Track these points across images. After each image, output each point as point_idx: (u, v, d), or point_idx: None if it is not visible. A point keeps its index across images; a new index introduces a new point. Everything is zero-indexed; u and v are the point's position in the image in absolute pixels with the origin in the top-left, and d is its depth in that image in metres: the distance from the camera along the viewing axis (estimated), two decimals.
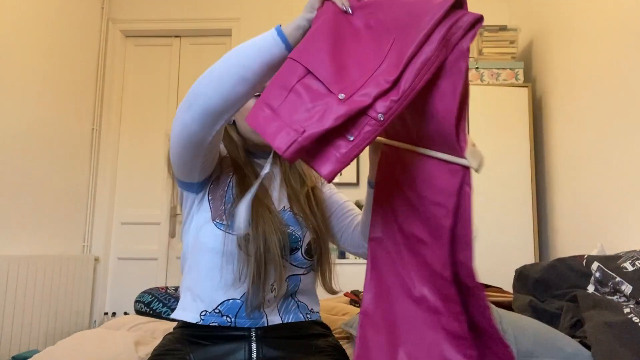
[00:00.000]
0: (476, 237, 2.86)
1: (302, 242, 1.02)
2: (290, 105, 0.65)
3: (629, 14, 2.08)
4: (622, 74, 2.13)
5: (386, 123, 0.61)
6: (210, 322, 0.97)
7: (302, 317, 1.02)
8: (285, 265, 1.00)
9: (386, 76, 0.62)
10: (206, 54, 3.73)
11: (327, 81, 0.64)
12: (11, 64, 2.70)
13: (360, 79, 0.64)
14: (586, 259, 1.38)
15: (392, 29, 0.68)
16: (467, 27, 0.63)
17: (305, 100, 0.64)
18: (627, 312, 1.03)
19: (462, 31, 0.63)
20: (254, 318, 0.97)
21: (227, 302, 0.97)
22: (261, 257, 0.94)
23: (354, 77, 0.65)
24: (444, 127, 0.65)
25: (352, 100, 0.62)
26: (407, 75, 0.61)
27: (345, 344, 1.17)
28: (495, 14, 3.61)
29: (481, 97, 3.00)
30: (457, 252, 0.66)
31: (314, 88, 0.65)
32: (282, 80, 0.67)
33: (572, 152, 2.59)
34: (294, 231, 1.02)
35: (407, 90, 0.61)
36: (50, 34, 3.03)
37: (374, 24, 0.71)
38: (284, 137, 0.62)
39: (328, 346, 1.00)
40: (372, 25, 0.71)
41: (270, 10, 3.74)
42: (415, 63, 0.61)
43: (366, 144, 0.62)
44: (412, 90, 0.61)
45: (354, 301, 1.74)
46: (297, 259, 1.02)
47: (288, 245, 0.99)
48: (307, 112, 0.63)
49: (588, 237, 2.40)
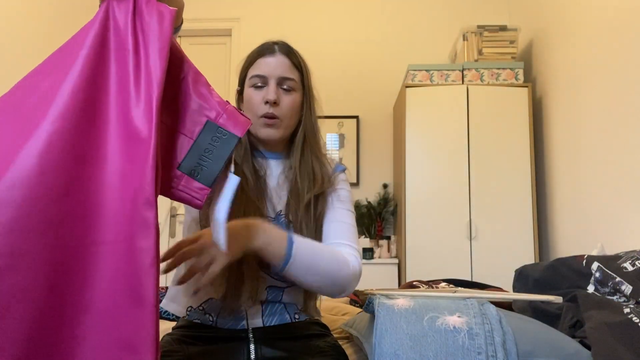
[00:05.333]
0: (476, 237, 2.86)
1: None
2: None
3: (629, 14, 2.08)
4: (622, 73, 2.13)
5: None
6: (194, 319, 0.99)
7: (288, 319, 1.00)
8: (263, 275, 0.98)
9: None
10: (206, 54, 3.73)
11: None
12: (11, 63, 2.70)
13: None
14: (586, 259, 1.38)
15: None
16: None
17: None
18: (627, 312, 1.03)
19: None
20: (235, 319, 0.97)
21: (210, 301, 0.99)
22: (234, 264, 0.92)
23: None
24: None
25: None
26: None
27: (345, 344, 1.17)
28: (495, 14, 3.61)
29: (481, 97, 3.00)
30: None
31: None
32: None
33: (572, 152, 2.59)
34: None
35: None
36: (50, 35, 3.03)
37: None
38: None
39: (327, 346, 0.99)
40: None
41: (270, 10, 3.74)
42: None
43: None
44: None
45: (354, 301, 1.74)
46: (277, 272, 0.98)
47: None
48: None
49: (588, 237, 2.40)
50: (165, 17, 0.65)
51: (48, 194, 0.56)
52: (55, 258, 0.56)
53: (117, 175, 0.61)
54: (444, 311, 0.91)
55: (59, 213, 0.57)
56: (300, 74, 1.04)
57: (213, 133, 0.69)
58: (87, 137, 0.60)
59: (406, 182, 2.99)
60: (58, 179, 0.57)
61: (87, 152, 0.60)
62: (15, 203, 0.54)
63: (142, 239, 0.58)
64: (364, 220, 3.33)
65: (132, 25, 0.65)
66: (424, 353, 0.84)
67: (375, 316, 0.92)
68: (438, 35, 3.63)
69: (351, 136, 3.58)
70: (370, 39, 3.70)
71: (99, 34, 0.64)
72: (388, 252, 3.24)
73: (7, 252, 0.53)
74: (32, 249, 0.55)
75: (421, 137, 3.04)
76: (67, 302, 0.57)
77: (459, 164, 2.96)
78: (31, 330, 0.54)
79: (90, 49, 0.63)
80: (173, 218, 3.56)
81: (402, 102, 3.13)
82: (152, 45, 0.64)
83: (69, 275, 0.57)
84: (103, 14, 0.65)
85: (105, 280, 0.58)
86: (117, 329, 0.57)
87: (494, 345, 0.85)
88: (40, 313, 0.55)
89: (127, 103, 0.63)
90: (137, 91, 0.63)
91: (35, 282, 0.55)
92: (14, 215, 0.54)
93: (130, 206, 0.59)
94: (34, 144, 0.56)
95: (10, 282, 0.53)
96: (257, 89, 1.01)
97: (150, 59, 0.63)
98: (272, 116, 0.99)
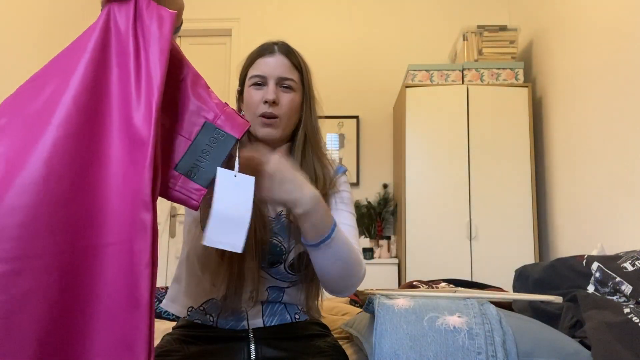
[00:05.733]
0: (476, 237, 2.86)
1: (286, 255, 0.98)
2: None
3: (629, 14, 2.08)
4: (622, 73, 2.13)
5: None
6: (194, 319, 0.99)
7: (288, 319, 1.01)
8: (264, 276, 0.98)
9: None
10: (206, 54, 3.72)
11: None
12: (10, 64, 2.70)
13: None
14: (586, 259, 1.38)
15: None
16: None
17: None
18: (627, 312, 1.03)
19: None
20: (235, 320, 0.97)
21: (210, 301, 0.99)
22: (234, 265, 0.93)
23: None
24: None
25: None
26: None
27: (345, 344, 1.16)
28: (495, 14, 3.61)
29: (481, 97, 3.00)
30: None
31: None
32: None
33: (572, 152, 2.59)
34: (280, 242, 0.98)
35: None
36: (50, 36, 3.03)
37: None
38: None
39: (327, 346, 0.99)
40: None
41: (270, 10, 3.74)
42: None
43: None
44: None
45: (354, 301, 1.74)
46: (279, 272, 0.99)
47: (267, 258, 0.97)
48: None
49: (588, 237, 2.40)
50: (165, 21, 0.66)
51: (54, 198, 0.58)
52: (64, 260, 0.58)
53: (120, 177, 0.62)
54: (444, 311, 0.91)
55: (65, 217, 0.58)
56: (300, 74, 1.04)
57: (211, 134, 0.70)
58: (91, 141, 0.62)
59: (406, 182, 2.99)
60: (64, 184, 0.59)
61: (91, 156, 0.61)
62: (24, 208, 0.56)
63: (138, 241, 0.59)
64: (364, 220, 3.33)
65: (133, 29, 0.66)
66: (423, 353, 0.84)
67: (375, 316, 0.92)
68: (438, 35, 3.63)
69: (351, 136, 3.58)
70: (370, 39, 3.69)
71: (101, 38, 0.65)
72: (388, 252, 3.24)
73: (18, 256, 0.55)
74: (41, 253, 0.56)
75: (421, 137, 3.04)
76: (76, 302, 0.58)
77: (459, 164, 2.96)
78: (45, 329, 0.56)
79: (92, 54, 0.64)
80: (173, 218, 3.56)
81: (402, 102, 3.13)
82: (152, 49, 0.65)
83: (77, 276, 0.59)
84: (104, 18, 0.66)
85: (108, 281, 0.59)
86: (118, 328, 0.58)
87: (494, 345, 0.85)
88: (52, 313, 0.57)
89: (129, 106, 0.64)
90: (138, 94, 0.64)
91: (47, 284, 0.56)
92: (24, 221, 0.56)
93: (130, 208, 0.60)
94: (40, 150, 0.58)
95: (22, 284, 0.55)
96: (257, 89, 1.01)
97: (151, 63, 0.64)
98: (271, 115, 0.99)
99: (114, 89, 0.64)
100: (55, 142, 0.59)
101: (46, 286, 0.56)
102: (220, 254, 0.94)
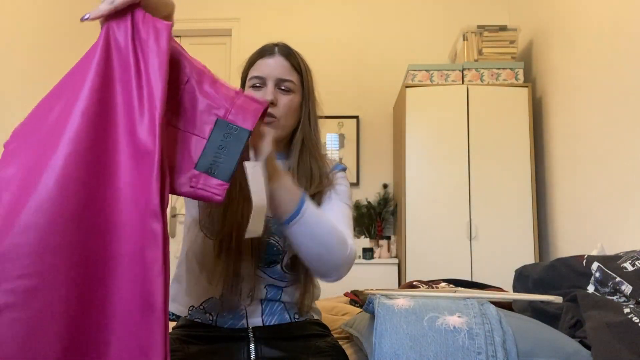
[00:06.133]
0: (476, 237, 2.86)
1: (283, 255, 0.98)
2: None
3: (629, 14, 2.08)
4: (622, 73, 2.13)
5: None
6: (195, 318, 0.99)
7: (288, 318, 1.01)
8: (261, 275, 0.99)
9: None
10: (206, 54, 3.72)
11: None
12: (10, 64, 2.70)
13: None
14: (586, 259, 1.38)
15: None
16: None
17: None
18: (627, 312, 1.03)
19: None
20: (234, 319, 0.97)
21: (210, 300, 0.99)
22: (231, 264, 0.93)
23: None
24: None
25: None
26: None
27: (345, 344, 1.17)
28: (495, 14, 3.61)
29: (481, 97, 3.00)
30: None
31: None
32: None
33: (572, 152, 2.59)
34: (277, 242, 0.98)
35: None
36: (50, 36, 3.03)
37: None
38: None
39: (327, 346, 0.99)
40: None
41: (270, 10, 3.74)
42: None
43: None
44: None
45: (354, 301, 1.74)
46: (275, 272, 0.99)
47: (264, 257, 0.97)
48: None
49: (588, 237, 2.40)
50: (162, 34, 0.68)
51: (67, 213, 0.59)
52: (79, 274, 0.60)
53: (128, 189, 0.64)
54: (444, 311, 0.91)
55: (78, 230, 0.60)
56: (300, 75, 1.04)
57: (224, 130, 0.71)
58: (99, 157, 0.64)
59: (406, 182, 2.99)
60: (75, 199, 0.60)
61: (101, 171, 0.63)
62: (39, 226, 0.58)
63: (150, 250, 0.61)
64: (364, 220, 3.33)
65: (132, 45, 0.68)
66: (423, 353, 0.84)
67: (375, 316, 0.92)
68: (438, 35, 3.63)
69: (351, 136, 3.58)
70: (370, 39, 3.70)
71: (103, 56, 0.67)
72: (388, 252, 3.24)
73: (36, 272, 0.57)
74: (57, 269, 0.58)
75: (421, 137, 3.04)
76: (94, 313, 0.61)
77: (459, 164, 2.96)
78: (66, 340, 0.58)
79: (97, 70, 0.66)
80: (173, 218, 3.56)
81: (402, 102, 3.13)
82: (151, 62, 0.67)
83: (92, 288, 0.61)
84: (104, 36, 0.68)
85: (122, 290, 0.62)
86: (134, 335, 0.60)
87: (494, 345, 0.86)
88: (70, 326, 0.59)
89: (133, 120, 0.66)
90: (141, 108, 0.66)
91: (65, 297, 0.59)
92: (39, 238, 0.57)
93: (140, 218, 0.62)
94: (52, 168, 0.60)
95: (41, 300, 0.57)
96: (256, 90, 1.01)
97: (151, 76, 0.66)
98: (269, 116, 1.00)
99: (119, 103, 0.66)
100: (65, 159, 0.60)
101: (65, 299, 0.58)
102: (217, 252, 0.95)
